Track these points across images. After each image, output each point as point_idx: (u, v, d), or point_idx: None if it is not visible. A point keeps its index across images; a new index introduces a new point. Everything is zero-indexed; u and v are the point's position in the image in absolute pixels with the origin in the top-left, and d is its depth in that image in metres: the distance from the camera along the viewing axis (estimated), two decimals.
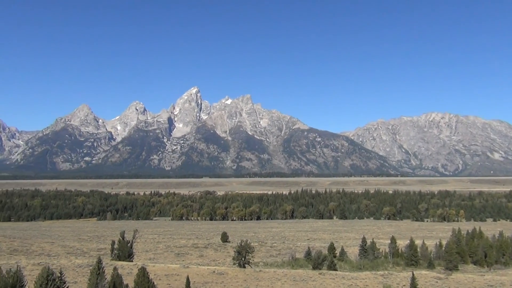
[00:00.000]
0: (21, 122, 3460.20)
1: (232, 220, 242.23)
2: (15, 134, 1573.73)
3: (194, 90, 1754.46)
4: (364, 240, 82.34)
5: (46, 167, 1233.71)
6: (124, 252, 74.52)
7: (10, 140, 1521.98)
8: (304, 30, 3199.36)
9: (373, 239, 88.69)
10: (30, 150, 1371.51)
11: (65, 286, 42.40)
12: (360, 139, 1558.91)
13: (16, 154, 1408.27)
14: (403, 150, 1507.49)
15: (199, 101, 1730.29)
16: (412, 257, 76.76)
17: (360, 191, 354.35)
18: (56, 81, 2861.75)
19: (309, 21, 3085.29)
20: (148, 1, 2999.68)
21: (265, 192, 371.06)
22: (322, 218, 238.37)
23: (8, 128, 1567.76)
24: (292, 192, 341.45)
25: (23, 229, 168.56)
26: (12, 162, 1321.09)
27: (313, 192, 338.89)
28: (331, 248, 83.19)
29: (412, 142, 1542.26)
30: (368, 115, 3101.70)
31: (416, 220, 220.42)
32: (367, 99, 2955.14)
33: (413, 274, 55.19)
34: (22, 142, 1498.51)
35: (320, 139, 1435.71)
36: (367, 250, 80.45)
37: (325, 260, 69.99)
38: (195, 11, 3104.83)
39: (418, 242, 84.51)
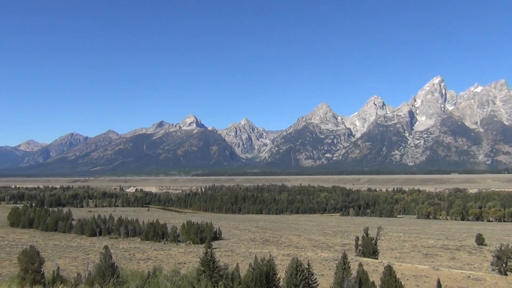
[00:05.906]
0: (268, 123, 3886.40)
1: (488, 221, 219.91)
2: (262, 134, 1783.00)
3: (437, 80, 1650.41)
4: None
5: (290, 163, 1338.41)
6: (369, 248, 74.32)
7: (258, 140, 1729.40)
8: None
9: None
10: (276, 148, 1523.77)
11: (312, 278, 43.69)
12: None
13: (264, 152, 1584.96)
14: None
15: (443, 91, 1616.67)
16: None
17: None
18: (297, 82, 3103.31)
19: None
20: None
21: None
22: None
23: (257, 129, 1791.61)
24: None
25: (273, 221, 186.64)
26: (261, 160, 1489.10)
27: None
28: None
29: None
30: None
31: None
32: None
33: None
34: (268, 141, 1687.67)
35: None
36: None
37: None
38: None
39: None
